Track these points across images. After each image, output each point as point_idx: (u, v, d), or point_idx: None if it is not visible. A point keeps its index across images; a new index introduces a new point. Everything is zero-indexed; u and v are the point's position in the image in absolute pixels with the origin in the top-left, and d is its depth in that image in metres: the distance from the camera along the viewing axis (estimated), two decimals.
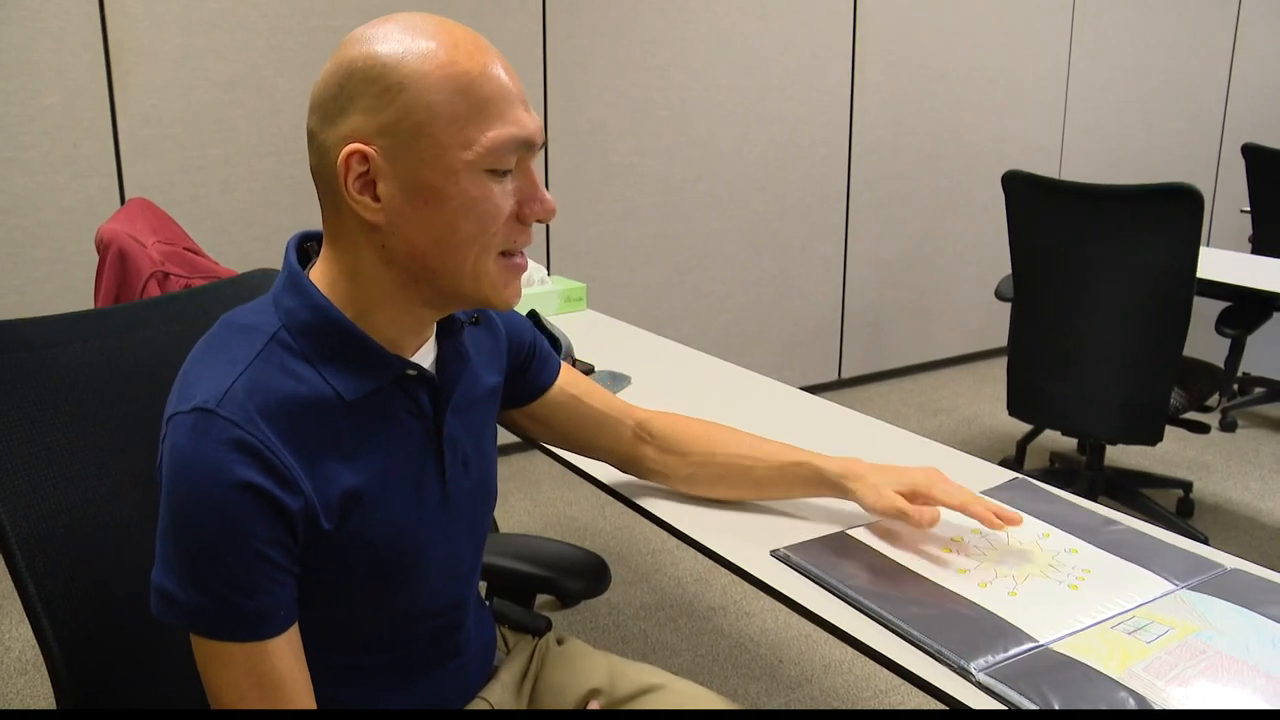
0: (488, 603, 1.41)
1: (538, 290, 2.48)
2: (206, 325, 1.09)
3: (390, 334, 1.07)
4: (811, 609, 1.20)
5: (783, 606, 1.23)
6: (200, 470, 0.95)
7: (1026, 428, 4.00)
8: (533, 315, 1.96)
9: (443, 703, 1.23)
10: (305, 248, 1.12)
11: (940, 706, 1.05)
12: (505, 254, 1.06)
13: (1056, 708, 1.00)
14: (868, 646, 1.13)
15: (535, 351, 1.35)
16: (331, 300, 1.05)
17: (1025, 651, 1.10)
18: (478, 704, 1.27)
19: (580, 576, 1.50)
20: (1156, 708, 1.00)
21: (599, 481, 1.54)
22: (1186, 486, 3.66)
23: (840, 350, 4.82)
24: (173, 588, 0.97)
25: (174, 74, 3.20)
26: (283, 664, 1.00)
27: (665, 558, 3.22)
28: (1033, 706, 1.01)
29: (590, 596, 1.54)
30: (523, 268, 1.08)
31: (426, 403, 1.11)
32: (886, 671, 1.11)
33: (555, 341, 1.94)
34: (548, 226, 3.85)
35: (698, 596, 3.00)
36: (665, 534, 1.42)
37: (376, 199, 1.00)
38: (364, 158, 0.99)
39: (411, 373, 1.09)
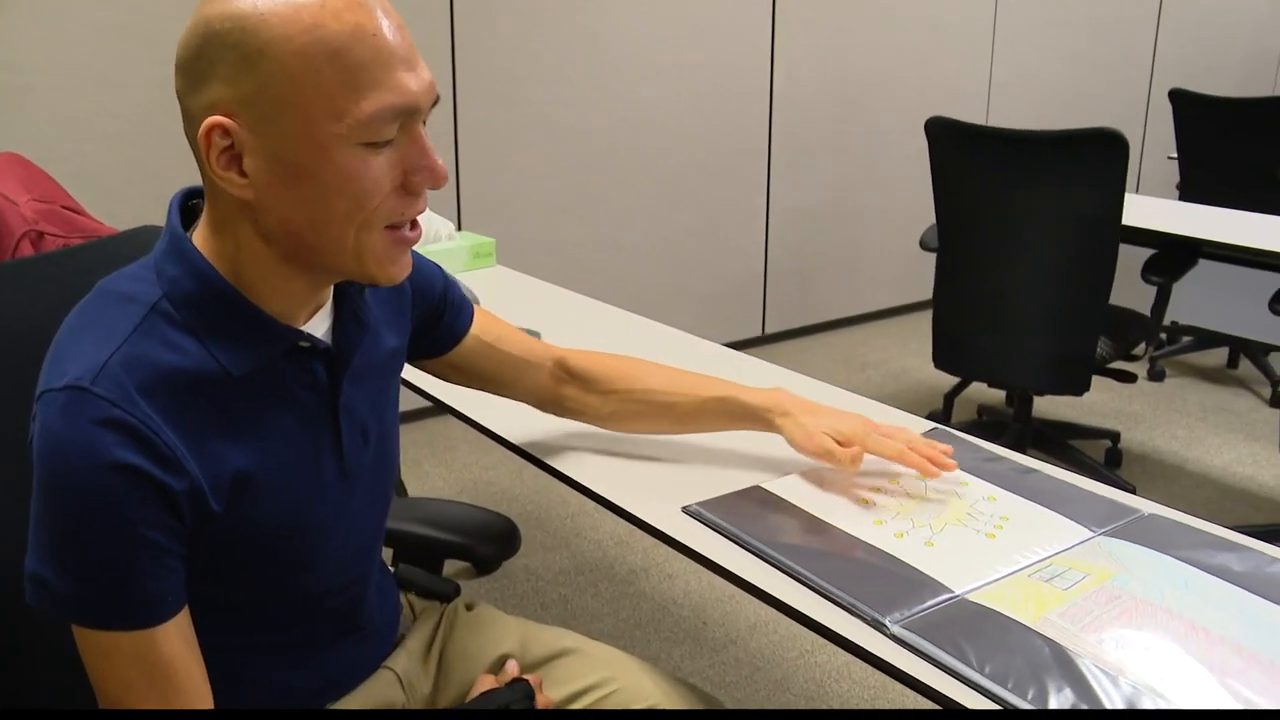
0: (393, 569, 1.40)
1: (445, 246, 2.46)
2: (87, 287, 1.05)
3: (280, 304, 1.03)
4: (724, 565, 1.21)
5: (708, 568, 1.24)
6: (74, 453, 0.91)
7: (954, 381, 4.06)
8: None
9: (346, 675, 1.22)
10: (192, 205, 1.08)
11: (861, 663, 1.06)
12: (393, 227, 1.01)
13: (971, 658, 1.02)
14: (782, 602, 1.14)
15: (447, 300, 1.34)
16: (217, 268, 1.01)
17: (941, 602, 1.12)
18: (382, 674, 1.26)
19: (489, 540, 1.49)
20: (1071, 652, 1.02)
21: (514, 445, 1.53)
22: (1114, 437, 3.74)
23: (764, 305, 4.84)
24: (49, 575, 0.94)
25: (48, 18, 3.11)
26: (172, 651, 0.97)
27: (585, 520, 3.23)
28: (946, 657, 1.02)
29: (500, 560, 1.54)
30: (412, 240, 1.04)
31: (322, 374, 1.09)
32: (812, 630, 1.12)
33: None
34: (457, 180, 3.81)
35: (619, 559, 3.02)
36: (585, 496, 1.42)
37: (243, 174, 0.96)
38: (226, 131, 0.94)
39: (304, 344, 1.06)
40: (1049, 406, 4.13)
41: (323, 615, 1.16)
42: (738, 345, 4.68)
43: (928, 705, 0.91)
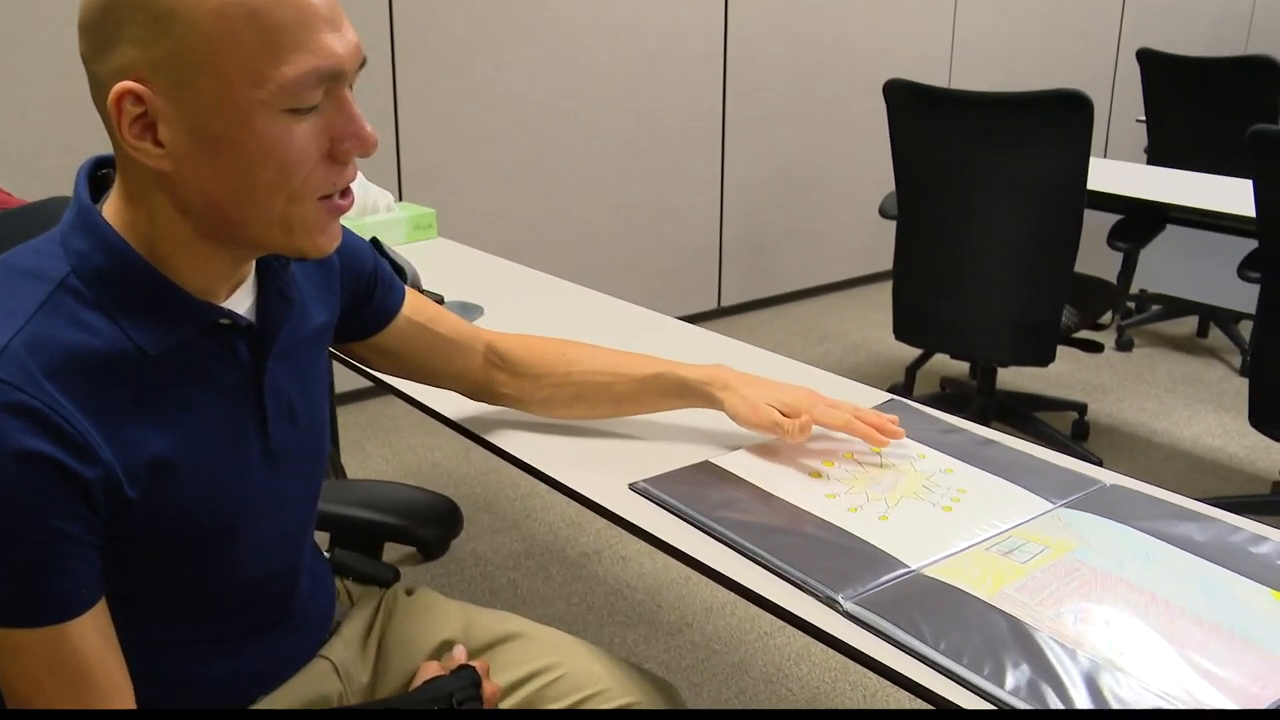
0: (328, 554, 1.40)
1: (384, 218, 2.44)
2: None
3: (199, 280, 1.01)
4: (672, 543, 1.21)
5: (655, 546, 1.24)
6: None
7: (916, 353, 4.08)
8: (374, 243, 1.93)
9: (279, 666, 1.21)
10: (101, 175, 1.06)
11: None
12: (324, 197, 1.00)
13: (925, 634, 1.02)
14: (730, 579, 1.15)
15: (377, 279, 1.32)
16: (129, 242, 0.98)
17: (896, 578, 1.13)
18: (317, 664, 1.26)
19: (429, 522, 1.49)
20: (1029, 627, 1.03)
21: (459, 425, 1.53)
22: (1081, 409, 3.78)
23: (719, 277, 4.85)
24: None
25: None
26: (87, 647, 0.95)
27: (535, 502, 3.22)
28: (900, 633, 1.03)
29: (443, 542, 1.54)
30: (344, 208, 1.02)
31: (245, 352, 1.07)
32: (762, 608, 1.12)
33: (400, 271, 1.91)
34: (397, 150, 3.78)
35: (570, 542, 3.02)
36: (534, 478, 1.42)
37: (159, 144, 0.93)
38: (138, 98, 0.92)
39: (225, 321, 1.04)
40: (1014, 378, 4.17)
41: (252, 605, 1.15)
42: (692, 319, 4.69)
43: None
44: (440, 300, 1.95)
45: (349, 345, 1.36)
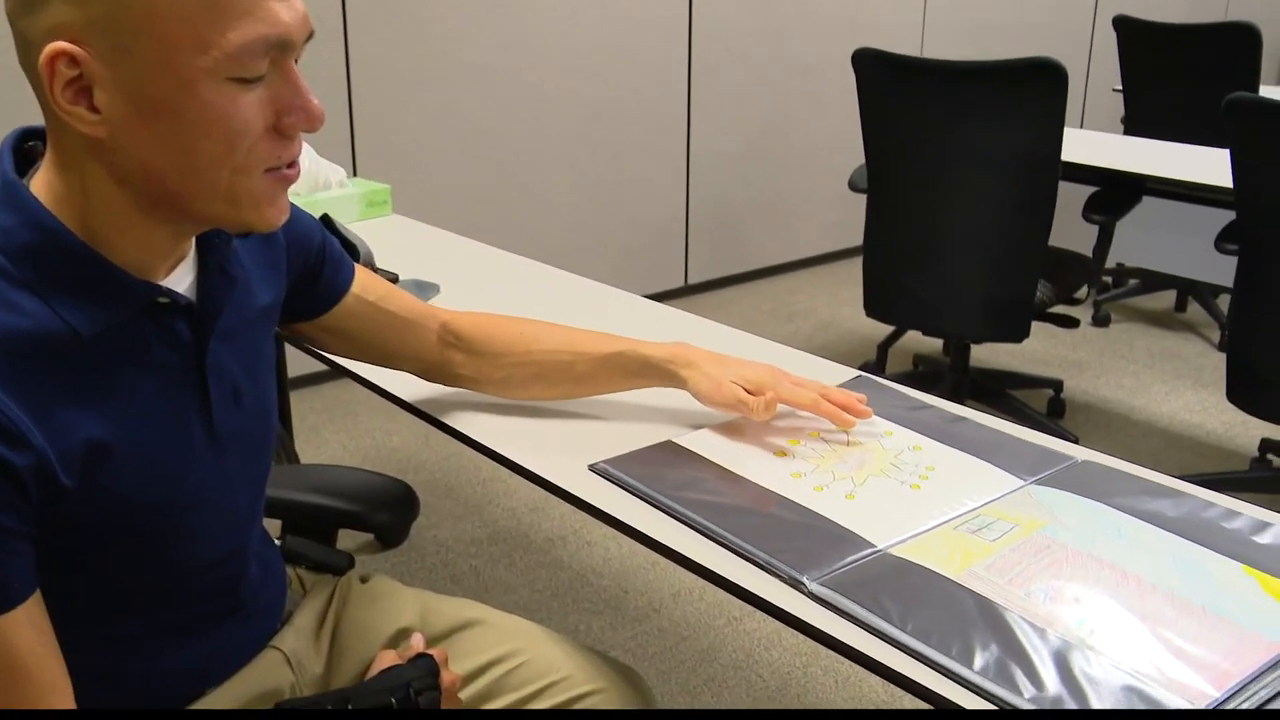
0: (279, 541, 1.39)
1: (336, 194, 2.42)
2: None
3: (135, 256, 1.00)
4: (633, 525, 1.22)
5: (615, 528, 1.25)
6: None
7: (888, 330, 4.10)
8: (325, 220, 1.92)
9: (227, 657, 1.21)
10: (28, 148, 1.04)
11: (795, 632, 1.07)
12: (269, 169, 0.99)
13: (893, 614, 1.03)
14: (691, 560, 1.15)
15: (325, 256, 1.31)
16: (60, 217, 0.97)
17: (862, 558, 1.13)
18: (268, 654, 1.25)
19: (384, 506, 1.48)
20: (998, 606, 1.04)
21: (419, 409, 1.52)
22: (1057, 386, 3.81)
23: (686, 254, 4.85)
24: None
25: None
26: (20, 641, 0.94)
27: (497, 487, 3.22)
28: (866, 614, 1.04)
29: (398, 528, 1.53)
30: (291, 179, 1.01)
31: (185, 332, 1.06)
32: (724, 589, 1.13)
33: (353, 249, 1.90)
34: (351, 124, 3.76)
35: (534, 527, 3.02)
36: (496, 462, 1.41)
37: (94, 109, 0.92)
38: (73, 60, 0.90)
39: (164, 300, 1.03)
40: (988, 355, 4.20)
41: (197, 595, 1.14)
42: (658, 297, 4.69)
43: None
44: (395, 279, 1.95)
45: (297, 325, 1.35)
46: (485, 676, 1.35)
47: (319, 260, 1.30)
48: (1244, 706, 0.92)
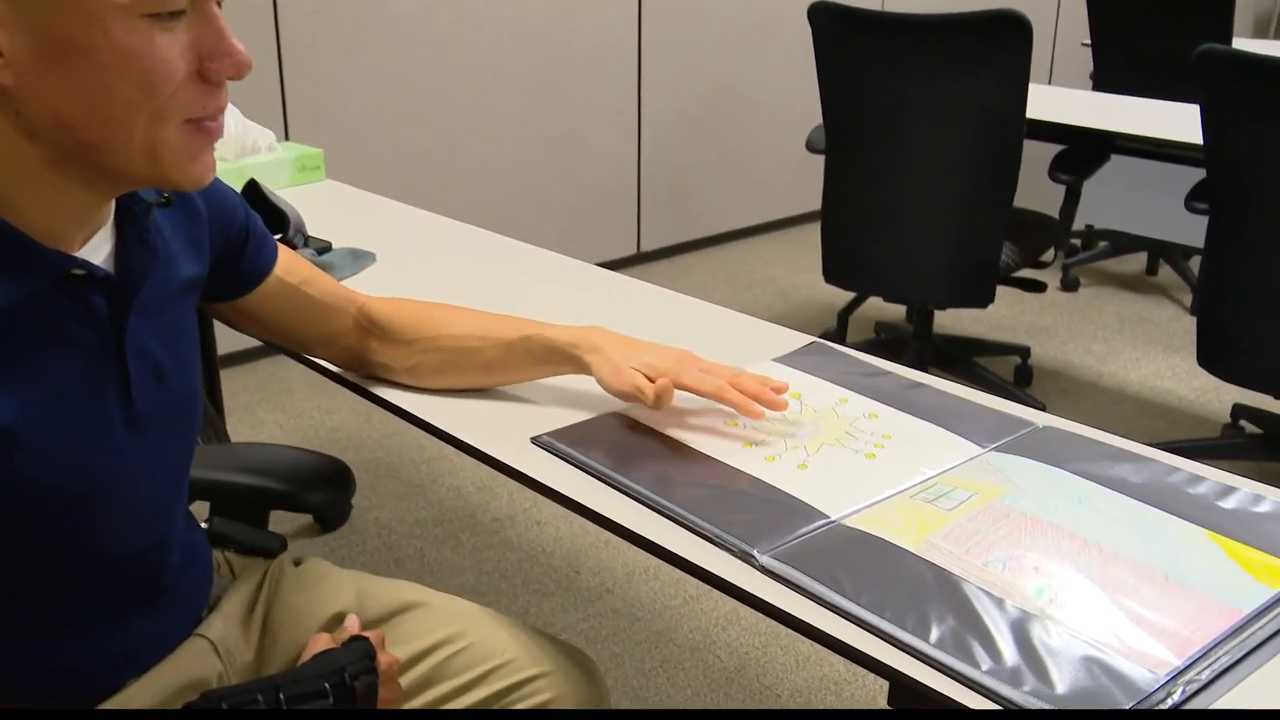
0: (206, 524, 1.38)
1: (265, 159, 2.40)
2: None
3: (46, 223, 0.97)
4: (576, 499, 1.22)
5: (557, 502, 1.25)
6: None
7: (848, 296, 4.11)
8: (251, 186, 1.90)
9: (147, 648, 1.19)
10: None
11: (737, 602, 1.07)
12: (192, 120, 0.97)
13: (846, 587, 1.04)
14: (638, 534, 1.15)
15: (249, 233, 1.30)
16: None
17: (815, 529, 1.14)
18: (194, 643, 1.24)
19: (315, 485, 1.47)
20: (955, 576, 1.05)
21: (358, 387, 1.51)
22: (1024, 352, 3.84)
23: (638, 220, 4.85)
24: None
25: None
26: None
27: (442, 466, 3.22)
28: (819, 587, 1.04)
29: (335, 509, 1.53)
30: (215, 133, 0.99)
31: (102, 307, 1.04)
32: (670, 564, 1.13)
33: (282, 216, 1.89)
34: (281, 84, 3.73)
35: (481, 507, 3.02)
36: (441, 440, 1.41)
37: None
38: None
39: (79, 272, 1.01)
40: (952, 322, 4.22)
41: (116, 584, 1.13)
42: (610, 265, 4.68)
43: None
44: (328, 248, 1.93)
45: (213, 306, 1.33)
46: (425, 662, 1.34)
47: (242, 238, 1.29)
48: (1205, 674, 0.93)
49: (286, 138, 3.75)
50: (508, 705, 1.35)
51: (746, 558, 1.10)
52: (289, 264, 1.37)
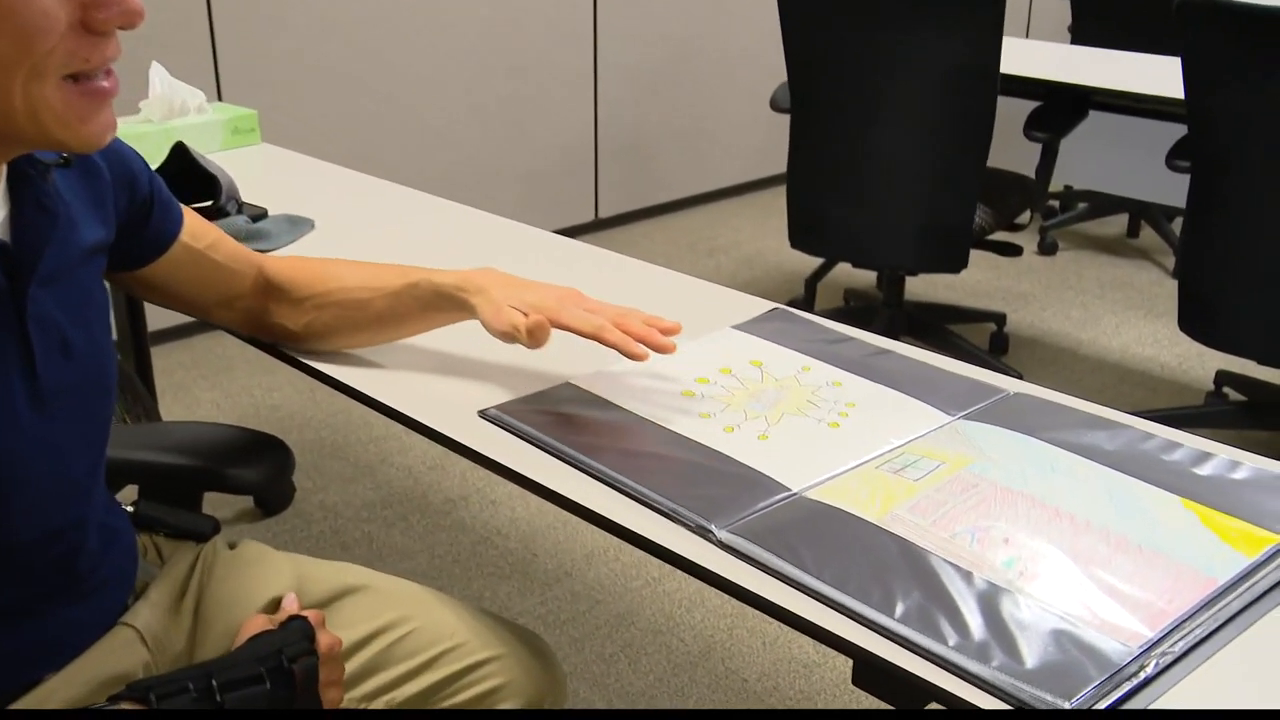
0: (130, 508, 1.37)
1: (195, 121, 2.38)
2: None
3: None
4: (528, 475, 1.21)
5: (505, 477, 1.24)
6: None
7: (816, 263, 4.12)
8: (178, 150, 1.88)
9: (70, 638, 1.18)
10: None
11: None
12: (77, 77, 0.94)
13: (807, 562, 1.04)
14: (589, 509, 1.15)
15: (155, 196, 1.28)
16: None
17: (776, 502, 1.14)
18: (118, 633, 1.23)
19: (251, 464, 1.46)
20: (921, 549, 1.05)
21: (301, 362, 1.50)
22: (999, 319, 3.85)
23: (596, 184, 4.84)
24: None
25: None
26: None
27: (391, 445, 3.21)
28: (779, 562, 1.04)
29: (274, 489, 1.52)
30: (108, 92, 0.96)
31: (0, 277, 1.02)
32: (625, 540, 1.13)
33: (213, 182, 1.87)
34: (213, 41, 3.69)
35: (432, 487, 3.01)
36: (391, 419, 1.40)
37: None
38: None
39: None
40: (924, 288, 4.24)
41: (28, 571, 1.11)
42: (567, 232, 4.66)
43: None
44: (263, 215, 1.92)
45: (117, 275, 1.31)
46: (369, 648, 1.34)
47: (147, 203, 1.27)
48: (1179, 646, 0.93)
49: (219, 98, 3.72)
50: (457, 691, 1.35)
51: (704, 533, 1.10)
52: (194, 228, 1.35)
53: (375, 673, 1.34)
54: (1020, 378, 1.46)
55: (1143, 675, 0.91)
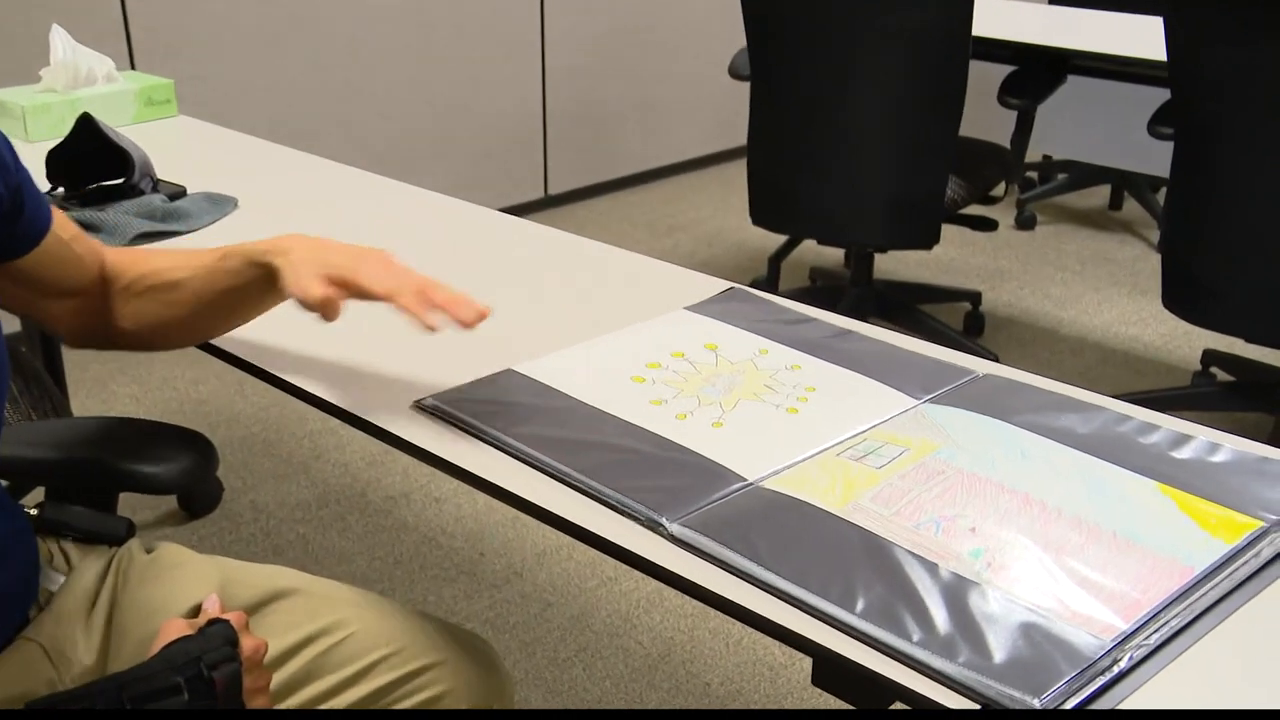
0: (35, 510, 1.36)
1: (103, 91, 2.36)
2: None
3: None
4: (468, 469, 1.21)
5: (443, 470, 1.24)
6: None
7: (780, 240, 4.13)
8: (84, 122, 1.87)
9: None
10: None
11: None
12: None
13: (763, 555, 1.04)
14: (535, 505, 1.15)
15: (24, 189, 1.25)
16: None
17: (731, 493, 1.14)
18: (20, 648, 1.22)
19: (167, 460, 1.45)
20: (884, 540, 1.06)
21: (229, 353, 1.49)
22: (974, 298, 3.88)
23: (545, 159, 4.83)
24: None
25: None
26: None
27: (327, 440, 3.20)
28: (734, 556, 1.05)
29: (196, 489, 1.51)
30: None
31: None
32: (572, 536, 1.13)
33: (124, 157, 1.86)
34: (124, 5, 3.66)
35: (372, 484, 3.01)
36: (327, 413, 1.39)
37: None
38: None
39: None
40: (895, 266, 4.26)
41: None
42: (515, 211, 4.65)
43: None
44: (182, 193, 1.91)
45: None
46: (300, 655, 1.33)
47: (19, 194, 1.25)
48: (1155, 638, 0.94)
49: (131, 66, 3.69)
50: (396, 700, 1.35)
51: (654, 527, 1.11)
52: (60, 218, 1.34)
53: (308, 682, 1.33)
54: (996, 360, 1.47)
55: (1116, 669, 0.92)
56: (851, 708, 1.00)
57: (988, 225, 3.53)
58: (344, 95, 4.19)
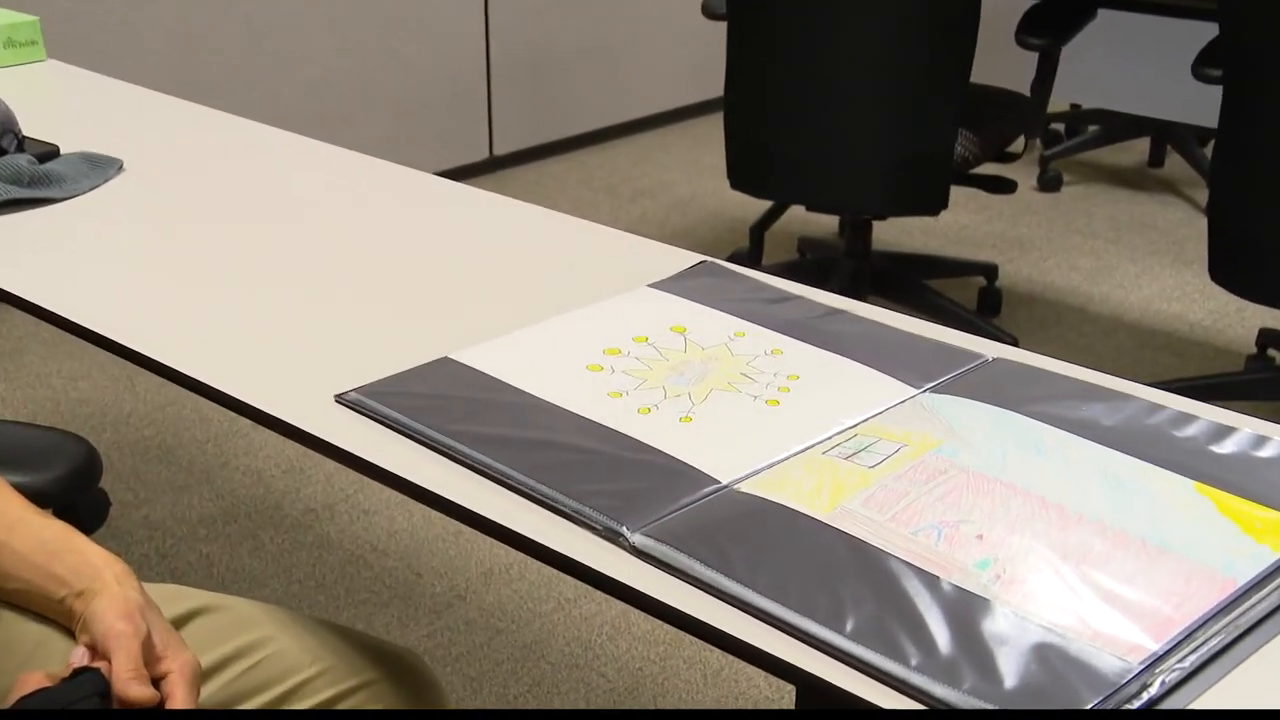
0: None
1: None
2: None
3: None
4: (397, 473, 1.21)
5: (363, 472, 1.25)
6: None
7: (764, 206, 4.14)
8: None
9: None
10: None
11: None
12: None
13: (737, 568, 1.05)
14: (475, 514, 1.16)
15: None
16: None
17: (701, 498, 1.15)
18: None
19: (36, 468, 1.45)
20: (877, 550, 1.07)
21: (117, 344, 1.47)
22: (989, 272, 3.89)
23: (489, 116, 4.83)
24: None
25: None
26: None
27: (236, 444, 3.21)
28: (704, 570, 1.06)
29: (76, 503, 1.51)
30: None
31: None
32: (518, 549, 1.14)
33: None
34: None
35: (289, 495, 3.01)
36: (217, 402, 1.39)
37: None
38: None
39: None
40: (898, 235, 4.27)
41: None
42: (456, 174, 4.66)
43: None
44: (54, 153, 1.90)
45: None
46: (214, 681, 1.33)
47: None
48: (1190, 661, 0.96)
49: None
50: None
51: (613, 537, 1.11)
52: None
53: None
54: (1015, 344, 1.48)
55: (1146, 696, 0.92)
56: None
57: (1005, 187, 3.54)
58: (251, 39, 4.18)
